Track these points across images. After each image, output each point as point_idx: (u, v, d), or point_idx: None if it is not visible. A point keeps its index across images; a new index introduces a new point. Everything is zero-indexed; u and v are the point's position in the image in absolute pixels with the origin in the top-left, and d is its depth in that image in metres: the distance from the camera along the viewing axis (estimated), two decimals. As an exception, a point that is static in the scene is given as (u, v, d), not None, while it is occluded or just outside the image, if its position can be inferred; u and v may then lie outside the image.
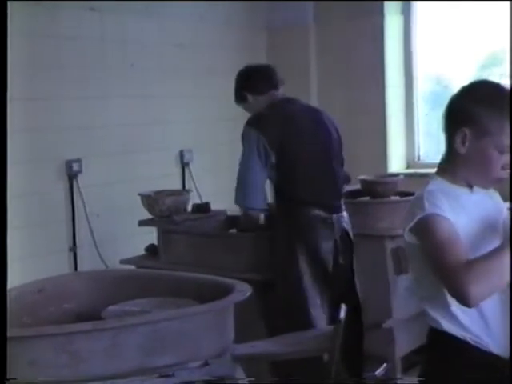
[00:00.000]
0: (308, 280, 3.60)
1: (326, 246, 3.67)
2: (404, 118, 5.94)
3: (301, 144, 3.66)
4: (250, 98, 3.85)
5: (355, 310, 3.70)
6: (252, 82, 3.87)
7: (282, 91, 3.89)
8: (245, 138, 3.69)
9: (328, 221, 3.69)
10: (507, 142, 2.08)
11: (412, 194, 4.11)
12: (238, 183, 3.69)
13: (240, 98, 3.91)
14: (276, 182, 3.71)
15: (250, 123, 3.71)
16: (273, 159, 3.61)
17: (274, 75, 3.89)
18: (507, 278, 1.99)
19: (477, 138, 2.10)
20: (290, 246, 3.61)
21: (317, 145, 3.74)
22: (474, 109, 2.10)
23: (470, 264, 1.96)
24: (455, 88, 2.28)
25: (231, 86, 3.66)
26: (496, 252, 1.99)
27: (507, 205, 2.33)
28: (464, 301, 1.96)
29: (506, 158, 2.10)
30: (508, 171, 2.14)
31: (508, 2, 4.75)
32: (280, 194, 3.72)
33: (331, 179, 3.79)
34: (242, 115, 5.92)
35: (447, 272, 1.98)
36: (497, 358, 2.13)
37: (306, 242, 3.63)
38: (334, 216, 3.72)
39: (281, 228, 3.69)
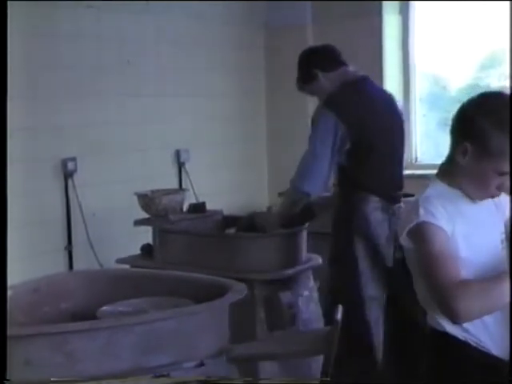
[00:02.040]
0: (365, 269, 3.43)
1: (385, 240, 3.47)
2: (402, 119, 5.93)
3: (377, 131, 3.42)
4: (320, 75, 3.51)
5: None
6: (321, 57, 3.57)
7: (353, 68, 3.60)
8: (319, 120, 3.38)
9: (389, 211, 3.52)
10: (507, 166, 2.07)
11: (409, 196, 4.14)
12: (300, 168, 3.42)
13: (308, 77, 3.55)
14: (345, 167, 3.46)
15: (327, 105, 3.38)
16: (348, 145, 3.37)
17: (340, 53, 3.61)
18: (502, 304, 2.01)
19: (477, 155, 2.09)
20: (347, 237, 3.44)
21: (391, 132, 3.54)
22: (480, 126, 2.08)
23: (463, 284, 1.98)
24: (453, 89, 2.27)
25: (229, 85, 3.62)
26: (494, 279, 2.01)
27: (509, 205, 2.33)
28: (450, 318, 1.99)
29: (503, 179, 2.10)
30: (503, 192, 2.15)
31: (508, 2, 4.74)
32: (346, 180, 3.50)
33: (398, 168, 3.62)
34: (238, 114, 5.96)
35: (437, 287, 2.01)
36: (497, 359, 2.14)
37: (366, 233, 3.43)
38: (395, 206, 3.56)
39: (341, 213, 3.50)
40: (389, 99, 3.71)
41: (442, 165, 2.27)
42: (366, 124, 3.40)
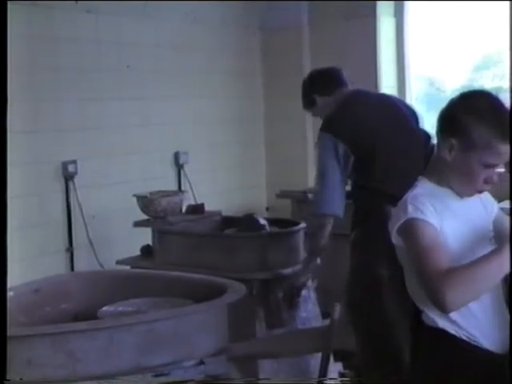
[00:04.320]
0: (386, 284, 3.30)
1: None
2: (398, 119, 5.95)
3: (376, 136, 3.45)
4: (318, 100, 3.67)
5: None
6: (319, 82, 3.70)
7: (349, 89, 3.69)
8: (321, 144, 3.52)
9: None
10: (492, 159, 2.11)
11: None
12: (315, 195, 3.57)
13: (308, 103, 3.73)
14: (356, 180, 3.52)
15: (324, 129, 3.51)
16: (353, 159, 3.44)
17: (340, 75, 3.72)
18: (492, 285, 2.04)
19: (463, 150, 2.13)
20: (368, 249, 3.37)
21: (395, 132, 3.52)
22: (465, 121, 2.12)
23: (450, 271, 2.00)
24: (448, 90, 2.30)
25: (227, 87, 3.63)
26: (483, 259, 2.02)
27: (496, 205, 2.36)
28: (440, 307, 2.01)
29: (489, 172, 2.14)
30: (490, 184, 2.18)
31: (507, 3, 4.75)
32: (360, 191, 3.51)
33: (415, 164, 3.33)
34: (236, 117, 5.98)
35: (426, 278, 2.02)
36: (492, 354, 2.15)
37: (385, 246, 3.32)
38: None
39: (360, 227, 3.47)
40: (386, 101, 3.72)
41: (430, 164, 2.31)
42: (362, 134, 3.45)
